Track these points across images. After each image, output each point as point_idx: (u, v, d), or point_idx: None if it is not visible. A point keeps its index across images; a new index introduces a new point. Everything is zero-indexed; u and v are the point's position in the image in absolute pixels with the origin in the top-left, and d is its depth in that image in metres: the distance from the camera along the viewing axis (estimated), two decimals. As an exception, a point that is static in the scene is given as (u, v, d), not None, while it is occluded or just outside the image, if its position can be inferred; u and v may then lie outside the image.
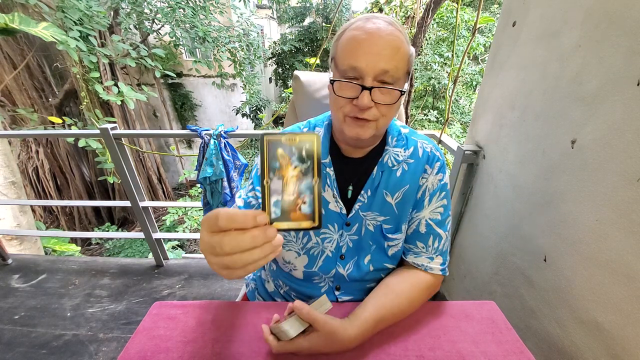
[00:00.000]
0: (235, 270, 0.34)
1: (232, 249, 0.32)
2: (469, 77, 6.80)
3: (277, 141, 0.34)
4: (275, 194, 0.35)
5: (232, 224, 0.32)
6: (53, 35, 3.02)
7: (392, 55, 0.51)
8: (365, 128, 0.55)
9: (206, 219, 0.34)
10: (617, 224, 0.68)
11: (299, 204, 0.35)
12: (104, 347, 1.34)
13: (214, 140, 1.48)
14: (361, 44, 0.51)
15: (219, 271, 0.35)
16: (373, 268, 0.67)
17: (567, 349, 0.82)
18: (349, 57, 0.52)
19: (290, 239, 0.67)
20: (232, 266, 0.33)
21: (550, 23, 0.88)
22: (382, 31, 0.52)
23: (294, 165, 0.35)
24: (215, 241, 0.33)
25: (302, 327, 0.52)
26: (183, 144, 8.89)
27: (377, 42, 0.51)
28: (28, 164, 5.33)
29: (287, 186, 0.35)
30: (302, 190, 0.35)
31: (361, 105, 0.52)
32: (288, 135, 0.35)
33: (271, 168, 0.34)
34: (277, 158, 0.34)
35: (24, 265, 1.85)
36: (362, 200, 0.64)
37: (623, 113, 0.67)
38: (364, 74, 0.51)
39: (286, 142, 0.34)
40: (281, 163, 0.34)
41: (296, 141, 0.35)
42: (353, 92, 0.53)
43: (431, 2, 3.22)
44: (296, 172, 0.35)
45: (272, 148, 0.34)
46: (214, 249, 0.33)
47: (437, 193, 0.66)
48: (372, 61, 0.51)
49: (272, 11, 11.69)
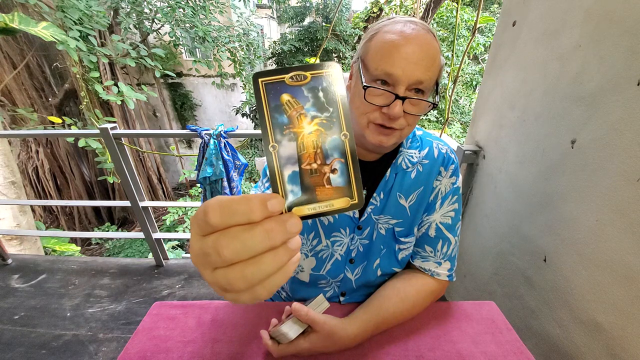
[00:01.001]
0: (241, 294, 0.22)
1: (234, 254, 0.21)
2: (469, 77, 6.81)
3: (278, 82, 0.24)
4: (288, 163, 0.24)
5: (231, 217, 0.21)
6: (53, 35, 3.02)
7: (429, 65, 0.49)
8: (390, 137, 0.53)
9: (194, 217, 0.23)
10: (617, 224, 0.68)
11: (326, 173, 0.24)
12: (104, 347, 1.34)
13: (214, 140, 1.48)
14: (398, 48, 0.48)
15: (221, 293, 0.23)
16: (381, 273, 0.66)
17: (567, 349, 0.82)
18: (383, 61, 0.49)
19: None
20: (235, 285, 0.22)
21: (550, 23, 0.88)
22: (421, 38, 0.49)
23: (310, 115, 0.24)
24: (208, 245, 0.22)
25: (301, 328, 0.52)
26: (183, 143, 8.89)
27: (415, 49, 0.48)
28: (28, 163, 5.33)
29: (306, 149, 0.24)
30: (328, 152, 0.24)
31: (392, 115, 0.49)
32: (295, 72, 0.24)
33: (276, 125, 0.24)
34: (283, 107, 0.24)
35: (23, 265, 1.84)
36: (375, 203, 0.63)
37: (623, 113, 0.67)
38: (398, 81, 0.49)
39: (293, 83, 0.24)
40: (290, 115, 0.24)
41: (308, 79, 0.24)
42: (384, 100, 0.50)
43: (431, 2, 3.22)
44: (315, 126, 0.24)
45: (273, 93, 0.24)
46: (207, 257, 0.22)
47: (450, 196, 0.65)
48: (408, 69, 0.48)
49: (272, 11, 11.69)
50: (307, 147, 0.24)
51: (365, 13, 7.54)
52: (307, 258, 0.65)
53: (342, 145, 0.24)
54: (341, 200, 0.24)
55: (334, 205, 0.24)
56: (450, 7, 6.02)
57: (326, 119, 0.24)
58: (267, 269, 0.22)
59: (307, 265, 0.66)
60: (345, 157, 0.24)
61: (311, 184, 0.24)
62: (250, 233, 0.21)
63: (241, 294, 0.22)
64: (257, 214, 0.21)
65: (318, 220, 0.63)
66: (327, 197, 0.24)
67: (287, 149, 0.24)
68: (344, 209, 0.24)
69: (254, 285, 0.22)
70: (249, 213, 0.21)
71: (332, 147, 0.24)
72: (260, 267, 0.21)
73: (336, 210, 0.24)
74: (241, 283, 0.21)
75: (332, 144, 0.24)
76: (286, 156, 0.24)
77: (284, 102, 0.24)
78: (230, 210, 0.21)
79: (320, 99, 0.24)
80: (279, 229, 0.22)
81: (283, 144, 0.24)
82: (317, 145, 0.24)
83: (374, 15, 6.79)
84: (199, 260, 0.23)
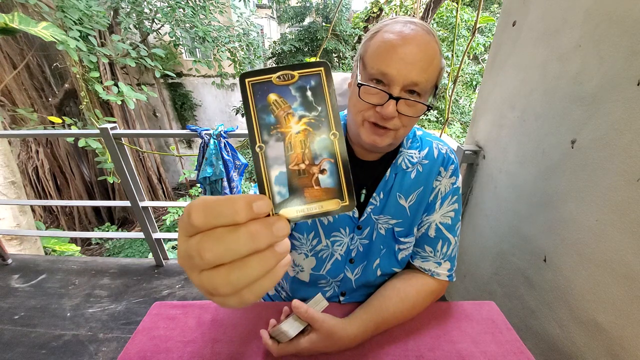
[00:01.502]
0: (227, 298, 0.22)
1: (217, 257, 0.20)
2: (469, 77, 6.81)
3: (265, 82, 0.24)
4: (275, 164, 0.23)
5: (215, 218, 0.21)
6: (53, 35, 3.02)
7: (425, 67, 0.49)
8: (384, 137, 0.53)
9: (180, 218, 0.23)
10: (617, 224, 0.68)
11: (314, 173, 0.24)
12: (104, 347, 1.34)
13: (214, 140, 1.48)
14: (395, 49, 0.48)
15: (208, 296, 0.23)
16: (381, 273, 0.66)
17: (567, 349, 0.82)
18: (379, 61, 0.49)
19: (299, 241, 0.65)
20: (220, 289, 0.21)
21: (550, 23, 0.88)
22: (419, 39, 0.49)
23: (298, 115, 0.24)
24: (192, 247, 0.21)
25: (301, 326, 0.52)
26: (183, 143, 8.89)
27: (412, 50, 0.48)
28: (28, 163, 5.33)
29: (293, 149, 0.24)
30: (317, 152, 0.24)
31: (385, 114, 0.49)
32: (282, 71, 0.24)
33: (263, 125, 0.23)
34: (270, 107, 0.23)
35: (23, 265, 1.84)
36: (374, 203, 0.63)
37: (623, 113, 0.67)
38: (393, 81, 0.49)
39: (280, 82, 0.24)
40: (277, 115, 0.24)
41: (295, 78, 0.24)
42: (378, 99, 0.50)
43: (431, 2, 3.22)
44: (303, 126, 0.24)
45: (260, 94, 0.23)
46: (191, 259, 0.21)
47: (449, 197, 0.65)
48: (404, 70, 0.48)
49: (272, 11, 11.70)
50: (294, 147, 0.24)
51: (365, 13, 7.55)
52: (307, 258, 0.65)
53: (331, 145, 0.24)
54: (331, 202, 0.24)
55: (323, 207, 0.24)
56: (450, 7, 6.02)
57: (314, 118, 0.24)
58: (253, 273, 0.21)
59: (307, 265, 0.66)
60: (334, 157, 0.24)
61: (299, 185, 0.24)
62: (234, 235, 0.20)
63: (227, 298, 0.22)
64: (242, 216, 0.21)
65: (318, 220, 0.63)
66: (316, 198, 0.24)
67: (274, 149, 0.23)
68: (334, 211, 0.24)
69: (239, 289, 0.21)
70: (234, 214, 0.21)
71: (321, 147, 0.24)
72: (246, 271, 0.21)
73: (326, 212, 0.24)
74: (226, 287, 0.21)
75: (321, 143, 0.24)
76: (273, 157, 0.23)
77: (271, 102, 0.24)
78: (214, 212, 0.21)
79: (309, 98, 0.24)
80: (264, 231, 0.21)
81: (270, 144, 0.23)
82: (306, 145, 0.24)
83: (374, 15, 6.79)
84: (184, 263, 0.22)
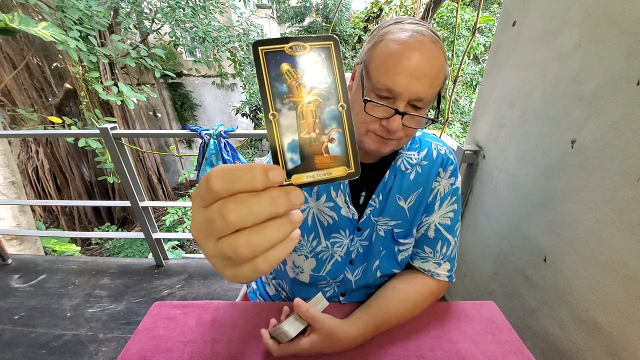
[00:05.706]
0: (242, 266, 0.22)
1: (240, 219, 0.21)
2: (469, 77, 6.81)
3: (278, 51, 0.24)
4: (288, 131, 0.24)
5: (234, 182, 0.21)
6: (53, 35, 3.02)
7: (431, 82, 0.48)
8: (388, 145, 0.54)
9: (195, 191, 0.23)
10: (617, 224, 0.68)
11: (324, 142, 0.25)
12: (104, 347, 1.34)
13: (214, 140, 1.48)
14: (401, 61, 0.47)
15: (221, 267, 0.23)
16: (381, 274, 0.66)
17: (567, 349, 0.82)
18: (386, 76, 0.48)
19: (299, 242, 0.65)
20: (240, 252, 0.21)
21: (550, 23, 0.88)
22: (427, 52, 0.47)
23: (309, 86, 0.25)
24: (214, 211, 0.21)
25: (302, 326, 0.52)
26: (183, 143, 8.89)
27: (419, 65, 0.47)
28: (28, 164, 5.33)
29: (305, 118, 0.24)
30: (327, 121, 0.25)
31: (391, 129, 0.50)
32: (295, 42, 0.24)
33: (276, 94, 0.24)
34: (283, 76, 0.24)
35: (23, 265, 1.84)
36: (374, 204, 0.63)
37: (623, 113, 0.67)
38: (399, 97, 0.49)
39: (292, 52, 0.24)
40: (290, 84, 0.24)
41: (307, 50, 0.25)
42: (384, 113, 0.50)
43: (431, 2, 3.22)
44: (313, 97, 0.25)
45: (273, 62, 0.24)
46: (212, 223, 0.21)
47: (449, 197, 0.65)
48: (410, 85, 0.47)
49: (272, 11, 11.69)
50: (306, 117, 0.24)
51: (365, 13, 7.55)
52: (307, 259, 0.65)
53: (339, 116, 0.25)
54: (339, 169, 0.25)
55: (332, 173, 0.25)
56: (450, 7, 6.02)
57: (324, 90, 0.25)
58: (272, 237, 0.22)
59: (307, 266, 0.66)
60: (342, 127, 0.25)
61: (310, 153, 0.25)
62: (256, 198, 0.21)
63: (242, 267, 0.22)
64: (260, 181, 0.21)
65: (318, 222, 0.63)
66: (326, 165, 0.25)
67: (287, 117, 0.24)
68: (341, 177, 0.25)
69: (257, 254, 0.22)
70: (252, 180, 0.21)
71: (330, 117, 0.25)
72: (265, 234, 0.22)
73: (334, 178, 0.25)
74: (247, 250, 0.21)
75: (330, 114, 0.25)
76: (286, 125, 0.24)
77: (283, 72, 0.24)
78: (233, 176, 0.21)
79: (318, 70, 0.25)
80: (284, 197, 0.22)
81: (283, 112, 0.24)
82: (316, 115, 0.25)
83: (373, 15, 6.79)
84: (201, 232, 0.23)
